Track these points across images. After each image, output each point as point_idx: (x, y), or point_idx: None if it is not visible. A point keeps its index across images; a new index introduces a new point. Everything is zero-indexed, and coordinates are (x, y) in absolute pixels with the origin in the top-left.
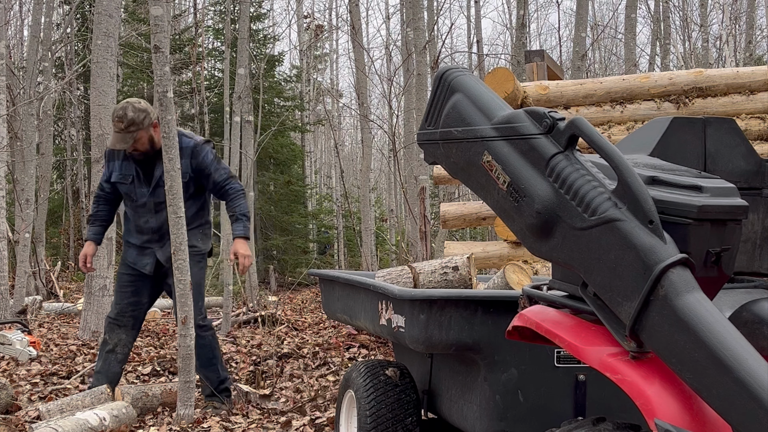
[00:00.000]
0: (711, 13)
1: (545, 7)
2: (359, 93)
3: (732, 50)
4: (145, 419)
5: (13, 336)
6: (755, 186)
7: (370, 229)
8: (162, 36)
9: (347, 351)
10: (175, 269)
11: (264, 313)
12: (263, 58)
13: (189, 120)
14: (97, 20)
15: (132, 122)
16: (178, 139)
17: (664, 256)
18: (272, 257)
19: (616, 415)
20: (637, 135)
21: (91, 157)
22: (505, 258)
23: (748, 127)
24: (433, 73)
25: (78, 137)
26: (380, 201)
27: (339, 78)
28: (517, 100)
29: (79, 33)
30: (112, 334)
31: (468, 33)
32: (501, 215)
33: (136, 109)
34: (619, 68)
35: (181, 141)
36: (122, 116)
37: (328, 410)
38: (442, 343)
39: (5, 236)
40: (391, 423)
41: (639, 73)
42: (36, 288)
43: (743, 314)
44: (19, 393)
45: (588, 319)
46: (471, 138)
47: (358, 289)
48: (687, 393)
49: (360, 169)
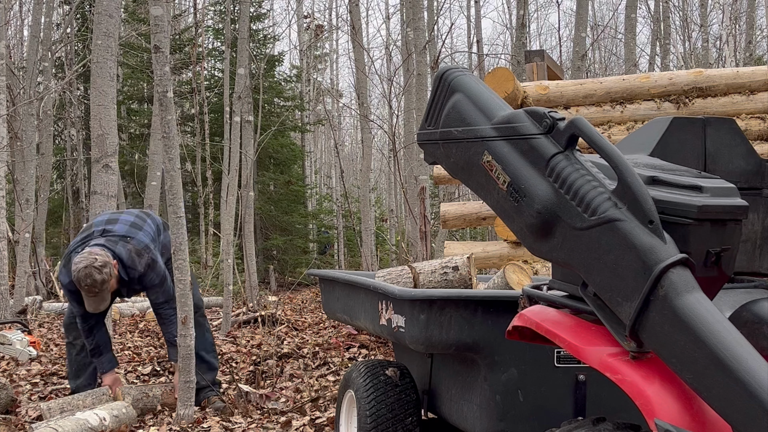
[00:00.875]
0: (711, 13)
1: (545, 7)
2: (359, 93)
3: (732, 50)
4: (145, 419)
5: (13, 336)
6: (755, 186)
7: (370, 229)
8: (162, 36)
9: (347, 351)
10: (175, 269)
11: (264, 313)
12: (263, 58)
13: (189, 120)
14: (97, 20)
15: (103, 282)
16: (124, 274)
17: (664, 256)
18: (272, 257)
19: (616, 415)
20: (637, 135)
21: (91, 157)
22: (505, 258)
23: (748, 127)
24: (433, 73)
25: (78, 137)
26: (380, 201)
27: (339, 78)
28: (517, 100)
29: (79, 33)
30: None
31: (468, 33)
32: (501, 215)
33: (98, 269)
34: (619, 68)
35: (129, 274)
36: (92, 284)
37: (328, 410)
38: (442, 343)
39: (5, 236)
40: (391, 423)
41: (639, 73)
42: (36, 288)
43: (743, 314)
44: (19, 393)
45: (588, 319)
46: (471, 138)
47: (358, 289)
48: (687, 393)
49: (360, 169)
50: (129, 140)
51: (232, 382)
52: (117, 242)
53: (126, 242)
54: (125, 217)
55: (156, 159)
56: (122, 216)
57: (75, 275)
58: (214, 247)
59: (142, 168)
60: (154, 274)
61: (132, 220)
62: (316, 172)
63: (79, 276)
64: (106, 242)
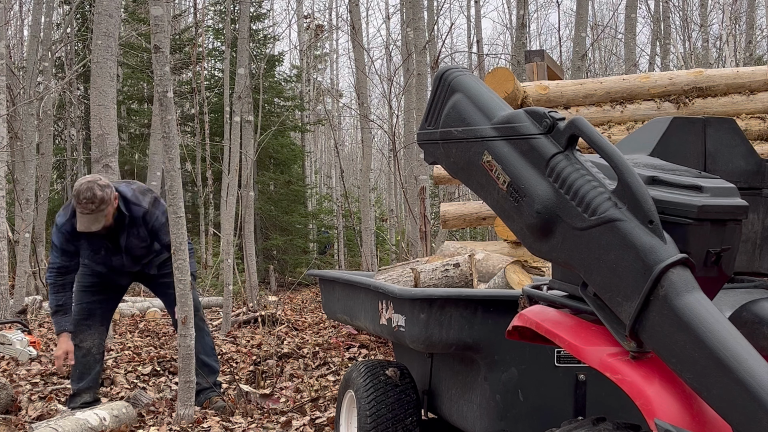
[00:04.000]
0: (711, 13)
1: (545, 7)
2: (359, 93)
3: (732, 50)
4: (145, 419)
5: (13, 336)
6: (755, 186)
7: (370, 229)
8: (162, 36)
9: (347, 351)
10: (175, 269)
11: (264, 313)
12: (263, 58)
13: (189, 120)
14: (97, 20)
15: (102, 200)
16: (128, 209)
17: (664, 256)
18: (272, 257)
19: (616, 415)
20: (637, 135)
21: (91, 157)
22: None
23: (748, 127)
24: (433, 73)
25: (78, 137)
26: (380, 201)
27: (339, 78)
28: (517, 100)
29: (79, 33)
30: (82, 335)
31: (468, 33)
32: (501, 215)
33: (101, 186)
34: (619, 68)
35: (131, 210)
36: (92, 197)
37: (328, 410)
38: (442, 342)
39: (5, 236)
40: (391, 423)
41: (639, 73)
42: (36, 288)
43: (743, 314)
44: (19, 393)
45: (588, 319)
46: (471, 138)
47: (358, 289)
48: (687, 393)
49: (360, 169)
50: (129, 140)
51: (233, 382)
52: (120, 183)
53: (129, 183)
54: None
55: (156, 159)
56: None
57: (76, 188)
58: (214, 247)
59: (142, 168)
60: (159, 212)
61: (135, 186)
62: (316, 172)
63: (80, 189)
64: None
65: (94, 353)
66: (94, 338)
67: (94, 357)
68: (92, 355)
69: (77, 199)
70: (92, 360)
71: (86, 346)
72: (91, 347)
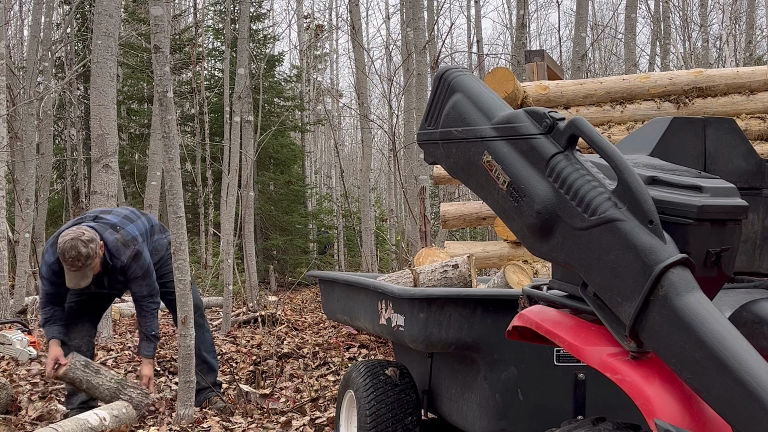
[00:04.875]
0: (711, 13)
1: (545, 7)
2: (359, 93)
3: (732, 50)
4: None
5: (13, 336)
6: (755, 186)
7: (370, 229)
8: (162, 36)
9: (347, 351)
10: (175, 269)
11: (264, 313)
12: (263, 58)
13: (189, 120)
14: (97, 20)
15: (87, 257)
16: (109, 259)
17: (664, 256)
18: (272, 257)
19: (616, 415)
20: (637, 135)
21: (91, 157)
22: (505, 258)
23: (748, 127)
24: (433, 73)
25: (78, 137)
26: (380, 201)
27: (339, 78)
28: (517, 100)
29: (79, 33)
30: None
31: (468, 33)
32: (501, 215)
33: (84, 242)
34: (619, 68)
35: (112, 261)
36: (77, 256)
37: (328, 410)
38: (441, 341)
39: (5, 236)
40: (391, 423)
41: (639, 73)
42: (36, 288)
43: (743, 314)
44: (19, 393)
45: (588, 319)
46: (471, 138)
47: (357, 290)
48: (687, 393)
49: (360, 169)
50: (129, 140)
51: (233, 382)
52: (106, 229)
53: (115, 230)
54: (119, 210)
55: (156, 159)
56: (117, 209)
57: (60, 247)
58: (214, 247)
59: (142, 168)
60: (137, 266)
61: (126, 213)
62: (316, 172)
63: (65, 247)
64: (95, 226)
65: (84, 351)
66: (83, 335)
67: (84, 354)
68: (82, 353)
69: (63, 258)
70: None
71: (75, 344)
72: (80, 345)
